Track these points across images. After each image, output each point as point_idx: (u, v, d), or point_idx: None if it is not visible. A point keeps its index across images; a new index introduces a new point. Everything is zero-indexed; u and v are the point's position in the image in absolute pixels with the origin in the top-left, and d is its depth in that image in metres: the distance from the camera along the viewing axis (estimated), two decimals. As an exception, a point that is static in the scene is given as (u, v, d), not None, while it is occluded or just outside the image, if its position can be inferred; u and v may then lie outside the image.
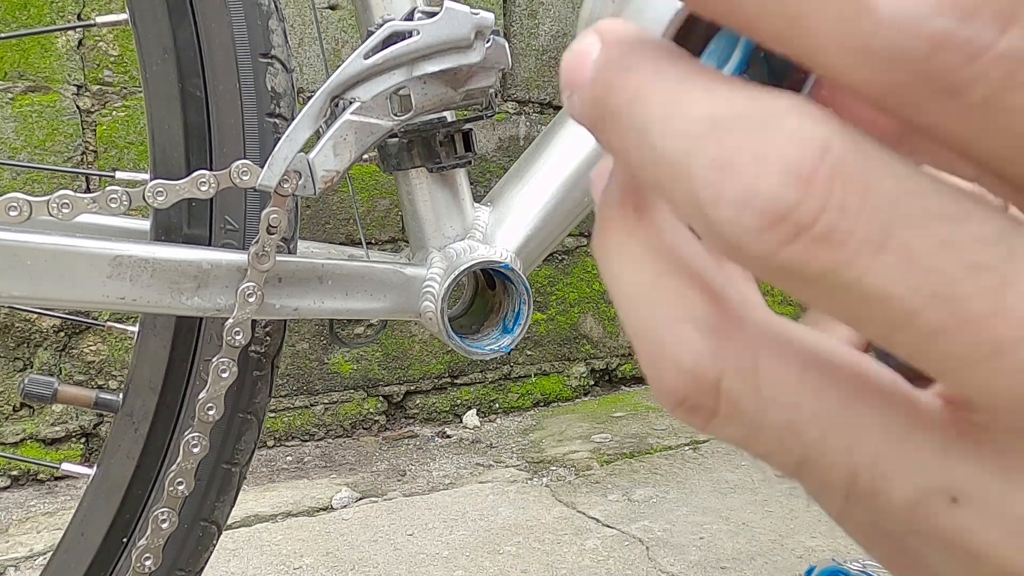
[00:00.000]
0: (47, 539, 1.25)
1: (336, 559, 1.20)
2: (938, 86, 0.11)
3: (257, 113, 0.54)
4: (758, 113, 0.12)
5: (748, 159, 0.12)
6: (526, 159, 0.63)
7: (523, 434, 1.75)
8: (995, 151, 0.12)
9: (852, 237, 0.12)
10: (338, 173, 0.52)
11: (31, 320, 1.43)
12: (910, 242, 0.12)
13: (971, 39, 0.11)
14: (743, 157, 0.12)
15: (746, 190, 0.12)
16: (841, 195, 0.12)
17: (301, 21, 1.59)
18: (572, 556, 1.21)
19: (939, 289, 0.12)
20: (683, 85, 0.13)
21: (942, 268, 0.12)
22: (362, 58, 0.50)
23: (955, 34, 0.11)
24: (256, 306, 0.52)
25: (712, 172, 0.12)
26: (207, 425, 0.54)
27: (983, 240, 0.12)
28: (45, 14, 1.40)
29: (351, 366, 1.71)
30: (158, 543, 0.55)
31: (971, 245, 0.12)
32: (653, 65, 0.14)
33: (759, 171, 0.12)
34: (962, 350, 0.12)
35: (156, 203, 0.50)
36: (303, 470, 1.55)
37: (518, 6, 1.79)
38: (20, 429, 1.44)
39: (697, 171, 0.13)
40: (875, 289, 0.12)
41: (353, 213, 1.64)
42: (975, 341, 0.12)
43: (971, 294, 0.12)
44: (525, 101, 1.83)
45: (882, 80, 0.12)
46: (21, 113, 1.39)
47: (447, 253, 0.58)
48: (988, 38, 0.11)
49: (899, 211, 0.12)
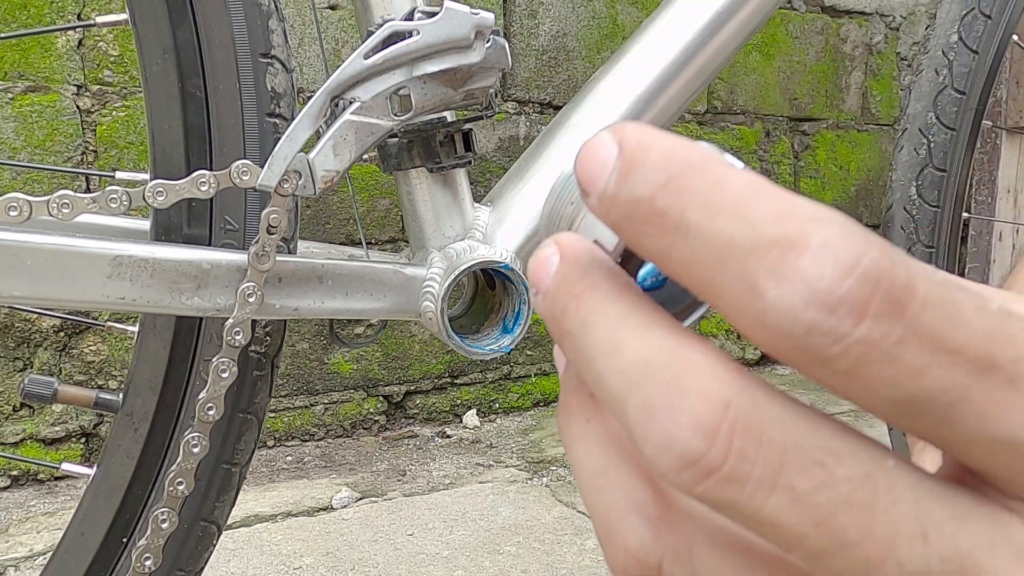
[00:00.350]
0: (47, 539, 1.25)
1: (336, 559, 1.20)
2: (814, 357, 0.15)
3: (257, 113, 0.54)
4: (679, 365, 0.16)
5: (667, 411, 0.15)
6: (526, 159, 0.63)
7: (523, 434, 1.75)
8: (866, 403, 0.15)
9: (750, 479, 0.15)
10: (338, 173, 0.52)
11: (31, 320, 1.43)
12: (795, 484, 0.15)
13: (833, 328, 0.14)
14: (663, 408, 0.15)
15: (666, 437, 0.15)
16: (740, 445, 0.15)
17: (301, 21, 1.59)
18: (572, 556, 1.21)
19: (820, 520, 0.15)
20: (624, 322, 0.17)
21: (821, 504, 0.15)
22: (362, 58, 0.50)
23: (822, 324, 0.14)
24: (256, 306, 0.52)
25: (641, 414, 0.16)
26: (207, 425, 0.54)
27: (852, 480, 0.15)
28: (45, 14, 1.40)
29: (351, 366, 1.71)
30: (158, 543, 0.55)
31: (843, 485, 0.15)
32: (600, 295, 0.17)
33: (676, 423, 0.15)
34: (843, 566, 0.16)
35: (156, 203, 0.50)
36: (303, 470, 1.55)
37: (518, 6, 1.79)
38: (20, 429, 1.44)
39: (629, 410, 0.16)
40: (771, 519, 0.15)
41: (353, 213, 1.64)
42: (852, 561, 0.15)
43: (846, 525, 0.15)
44: (525, 101, 1.83)
45: (774, 345, 0.15)
46: (21, 113, 1.39)
47: (447, 253, 0.58)
48: (846, 328, 0.14)
49: (786, 458, 0.15)
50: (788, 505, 0.15)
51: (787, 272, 0.15)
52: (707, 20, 0.63)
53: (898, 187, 0.92)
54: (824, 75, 2.24)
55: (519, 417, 1.84)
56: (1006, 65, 1.92)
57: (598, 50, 1.89)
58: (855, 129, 2.32)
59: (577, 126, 0.62)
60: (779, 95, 2.17)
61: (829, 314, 0.14)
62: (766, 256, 0.15)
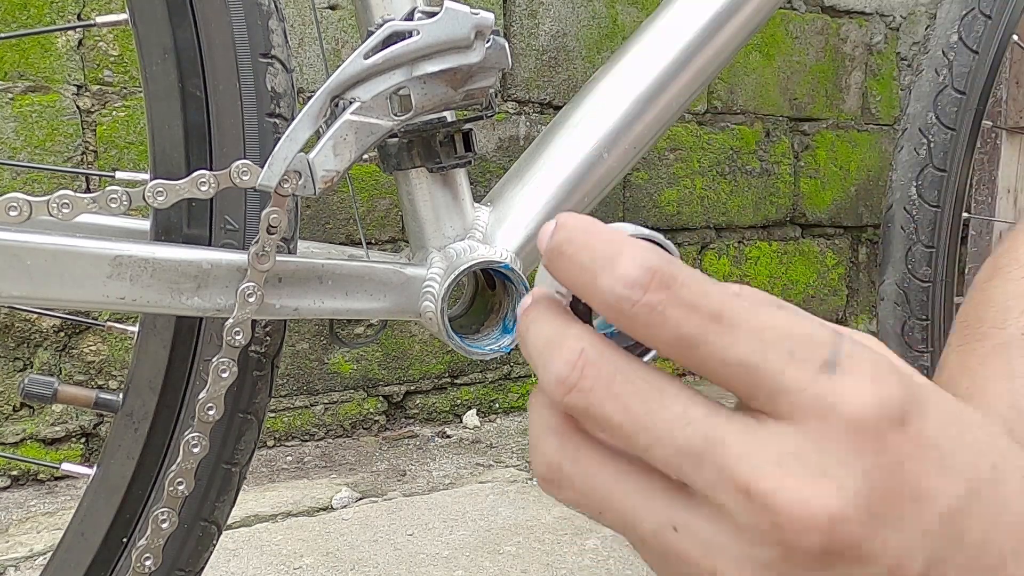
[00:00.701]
0: (47, 539, 1.25)
1: (336, 559, 1.20)
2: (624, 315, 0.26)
3: (257, 113, 0.54)
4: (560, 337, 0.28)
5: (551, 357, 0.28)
6: (526, 159, 0.63)
7: (523, 434, 1.75)
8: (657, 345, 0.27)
9: (593, 390, 0.27)
10: (338, 173, 0.52)
11: (31, 320, 1.43)
12: (619, 392, 0.27)
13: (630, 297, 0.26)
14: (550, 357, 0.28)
15: (551, 370, 0.27)
16: (589, 372, 0.27)
17: (301, 21, 1.59)
18: (572, 556, 1.21)
19: (634, 418, 0.26)
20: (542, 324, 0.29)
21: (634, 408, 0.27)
22: (362, 58, 0.50)
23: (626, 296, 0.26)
24: (256, 306, 0.52)
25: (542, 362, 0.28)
26: (207, 425, 0.54)
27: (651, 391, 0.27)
28: (45, 14, 1.40)
29: (351, 366, 1.71)
30: (158, 543, 0.55)
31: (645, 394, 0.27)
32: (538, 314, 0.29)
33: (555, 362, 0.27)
34: (646, 443, 0.27)
35: (156, 203, 0.50)
36: (303, 470, 1.55)
37: (518, 6, 1.79)
38: (20, 429, 1.44)
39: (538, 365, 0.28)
40: (606, 417, 0.27)
41: (353, 213, 1.64)
42: (647, 438, 0.26)
43: (645, 416, 0.26)
44: (525, 101, 1.83)
45: (608, 313, 0.27)
46: (21, 113, 1.39)
47: (447, 253, 0.58)
48: (637, 297, 0.26)
49: (614, 379, 0.27)
50: (612, 405, 0.27)
51: (610, 269, 0.26)
52: (707, 20, 0.63)
53: (898, 187, 0.92)
54: (824, 75, 2.24)
55: (519, 417, 1.84)
56: (1006, 65, 1.92)
57: (598, 50, 1.89)
58: (855, 129, 2.32)
59: (577, 126, 0.62)
60: (779, 95, 2.17)
61: (628, 290, 0.26)
62: (604, 265, 0.26)
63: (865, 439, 0.25)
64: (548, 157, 0.62)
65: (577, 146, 0.61)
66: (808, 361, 0.25)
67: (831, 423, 0.25)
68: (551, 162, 0.61)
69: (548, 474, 0.29)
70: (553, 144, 0.62)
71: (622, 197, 1.94)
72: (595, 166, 0.61)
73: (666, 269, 0.26)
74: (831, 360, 0.25)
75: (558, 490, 0.29)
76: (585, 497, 0.28)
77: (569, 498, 0.29)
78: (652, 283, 0.26)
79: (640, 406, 0.26)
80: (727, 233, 2.14)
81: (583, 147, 0.61)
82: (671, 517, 0.27)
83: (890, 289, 0.94)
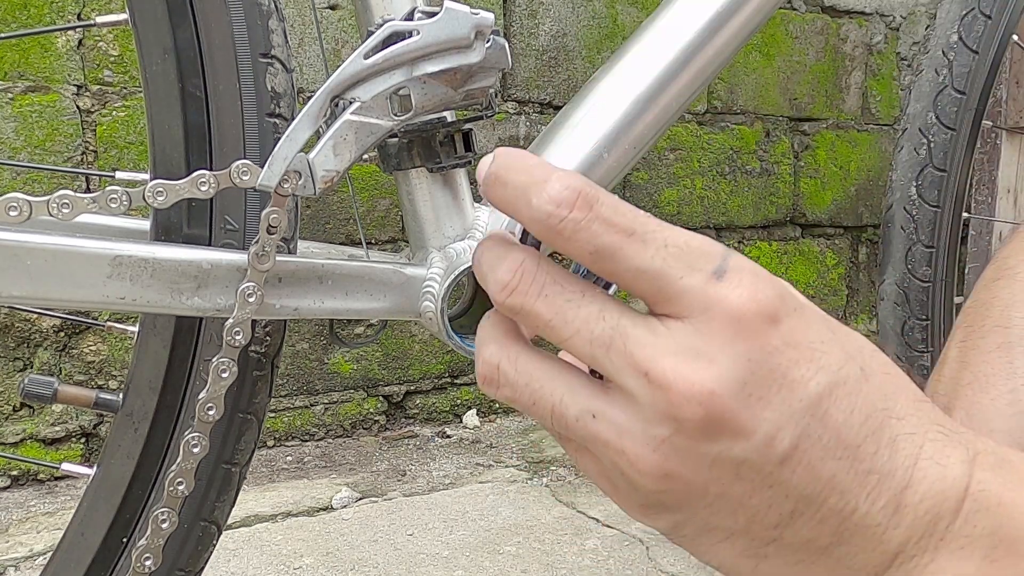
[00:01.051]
0: (47, 539, 1.25)
1: (336, 559, 1.20)
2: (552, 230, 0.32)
3: (257, 113, 0.54)
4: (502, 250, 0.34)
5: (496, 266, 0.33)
6: (526, 159, 0.63)
7: (523, 434, 1.75)
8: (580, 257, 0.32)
9: (528, 292, 0.33)
10: (338, 173, 0.52)
11: (31, 320, 1.43)
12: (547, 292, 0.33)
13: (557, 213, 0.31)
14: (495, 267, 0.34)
15: (493, 277, 0.33)
16: (525, 276, 0.33)
17: (301, 21, 1.59)
18: (572, 556, 1.21)
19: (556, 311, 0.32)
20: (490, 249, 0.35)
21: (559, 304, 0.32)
22: (362, 58, 0.50)
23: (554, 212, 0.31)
24: (256, 306, 0.52)
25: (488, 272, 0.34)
26: (207, 425, 0.54)
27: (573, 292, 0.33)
28: (45, 14, 1.40)
29: (351, 366, 1.71)
30: (158, 543, 0.55)
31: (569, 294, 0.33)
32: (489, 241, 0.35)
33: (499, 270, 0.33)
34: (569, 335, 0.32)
35: (156, 203, 0.50)
36: (303, 470, 1.55)
37: (518, 6, 1.79)
38: (20, 429, 1.44)
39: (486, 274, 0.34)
40: (537, 314, 0.33)
41: (353, 213, 1.64)
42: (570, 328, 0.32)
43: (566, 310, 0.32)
44: (525, 101, 1.83)
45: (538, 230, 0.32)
46: (21, 113, 1.39)
47: (447, 253, 0.58)
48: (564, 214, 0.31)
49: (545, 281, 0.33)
50: (543, 304, 0.32)
51: (541, 191, 0.31)
52: (707, 20, 0.63)
53: (898, 187, 0.92)
54: (824, 75, 2.24)
55: (519, 417, 1.84)
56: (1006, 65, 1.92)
57: (598, 50, 1.89)
58: (855, 129, 2.32)
59: (577, 126, 0.62)
60: (779, 95, 2.17)
61: (556, 208, 0.31)
62: (536, 188, 0.31)
63: (740, 330, 0.30)
64: (548, 157, 0.62)
65: (577, 146, 0.61)
66: (701, 271, 0.31)
67: (715, 318, 0.30)
68: (551, 162, 0.61)
69: (489, 373, 0.34)
70: (553, 144, 0.62)
71: (622, 197, 1.93)
72: (595, 166, 0.61)
73: (588, 190, 0.31)
74: (719, 269, 0.31)
75: (496, 388, 0.34)
76: (520, 392, 0.34)
77: (505, 395, 0.34)
78: (577, 201, 0.31)
79: (565, 304, 0.32)
80: (727, 233, 2.14)
81: (583, 147, 0.61)
82: (590, 406, 0.32)
83: (890, 289, 0.94)
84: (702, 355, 0.30)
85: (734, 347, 0.30)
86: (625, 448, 0.31)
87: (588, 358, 0.32)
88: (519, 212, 0.32)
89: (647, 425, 0.31)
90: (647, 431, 0.31)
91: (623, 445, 0.31)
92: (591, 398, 0.32)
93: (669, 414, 0.30)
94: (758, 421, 0.30)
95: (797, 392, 0.30)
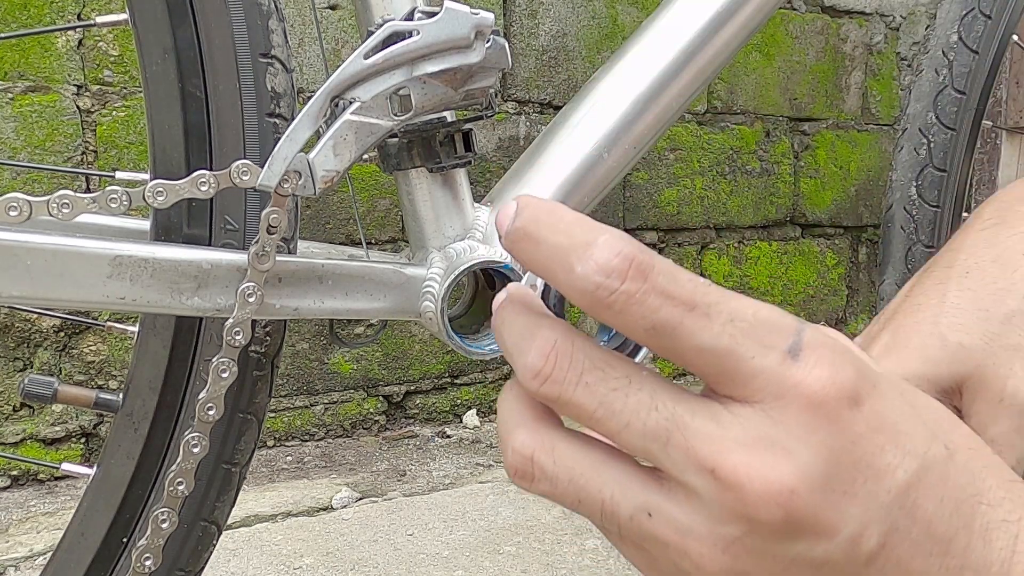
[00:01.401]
0: (47, 539, 1.25)
1: (336, 559, 1.20)
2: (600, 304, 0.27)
3: (257, 113, 0.54)
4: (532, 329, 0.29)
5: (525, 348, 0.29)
6: (526, 159, 0.63)
7: (523, 434, 1.74)
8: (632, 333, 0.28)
9: (564, 380, 0.28)
10: (338, 173, 0.52)
11: (31, 320, 1.43)
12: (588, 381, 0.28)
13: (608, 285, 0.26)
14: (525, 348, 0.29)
15: (524, 361, 0.28)
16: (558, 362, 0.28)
17: (301, 21, 1.59)
18: (572, 556, 1.21)
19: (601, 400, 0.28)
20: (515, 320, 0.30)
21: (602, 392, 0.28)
22: (362, 58, 0.50)
23: (603, 284, 0.26)
24: (256, 306, 0.52)
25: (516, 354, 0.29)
26: (207, 425, 0.54)
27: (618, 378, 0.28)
28: (45, 14, 1.40)
29: (351, 366, 1.71)
30: (158, 543, 0.55)
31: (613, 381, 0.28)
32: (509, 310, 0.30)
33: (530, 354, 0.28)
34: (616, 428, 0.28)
35: (156, 203, 0.50)
36: (303, 470, 1.55)
37: (518, 6, 1.79)
38: (20, 429, 1.44)
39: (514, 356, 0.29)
40: (576, 402, 0.28)
41: (353, 213, 1.64)
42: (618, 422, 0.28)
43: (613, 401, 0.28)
44: (525, 101, 1.83)
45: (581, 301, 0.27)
46: (21, 113, 1.39)
47: (447, 253, 0.58)
48: (615, 285, 0.26)
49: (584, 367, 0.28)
50: (584, 393, 0.28)
51: (585, 257, 0.27)
52: (707, 20, 0.63)
53: (898, 187, 0.92)
54: (824, 75, 2.24)
55: (519, 417, 1.84)
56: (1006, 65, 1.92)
57: (598, 50, 1.89)
58: (855, 129, 2.32)
59: (577, 126, 0.62)
60: (779, 95, 2.17)
61: (606, 278, 0.26)
62: (577, 250, 0.27)
63: (820, 417, 0.27)
64: (548, 157, 0.62)
65: (577, 146, 0.61)
66: (775, 349, 0.27)
67: (790, 403, 0.27)
68: (551, 162, 0.61)
69: (522, 466, 0.29)
70: (553, 144, 0.62)
71: (622, 197, 1.94)
72: (595, 166, 0.61)
73: (641, 257, 0.27)
74: (794, 346, 0.27)
75: (532, 482, 0.30)
76: (561, 488, 0.29)
77: (544, 490, 0.30)
78: (630, 271, 0.26)
79: (610, 394, 0.28)
80: (727, 233, 2.14)
81: (583, 147, 0.61)
82: (645, 502, 0.28)
83: (890, 289, 0.94)
84: (778, 446, 0.27)
85: (815, 436, 0.27)
86: (689, 549, 0.28)
87: (641, 453, 0.28)
88: (555, 277, 0.28)
89: (714, 525, 0.27)
90: (714, 531, 0.27)
91: (686, 546, 0.28)
92: (645, 492, 0.28)
93: (741, 514, 0.27)
94: (843, 518, 0.27)
95: (884, 482, 0.27)
